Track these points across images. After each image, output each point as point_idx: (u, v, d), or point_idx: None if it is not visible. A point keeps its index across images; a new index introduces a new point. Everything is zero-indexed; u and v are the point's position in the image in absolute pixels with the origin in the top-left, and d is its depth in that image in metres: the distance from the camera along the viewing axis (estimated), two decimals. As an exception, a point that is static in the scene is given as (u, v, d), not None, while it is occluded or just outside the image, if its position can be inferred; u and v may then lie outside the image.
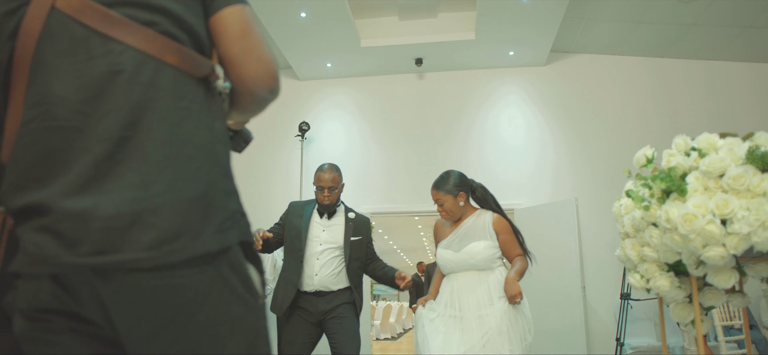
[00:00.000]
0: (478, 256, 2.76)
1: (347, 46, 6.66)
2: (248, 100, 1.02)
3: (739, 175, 1.68)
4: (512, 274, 2.67)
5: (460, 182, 2.95)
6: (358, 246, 3.21)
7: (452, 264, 2.83)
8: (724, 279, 1.76)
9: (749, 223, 1.60)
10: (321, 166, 3.25)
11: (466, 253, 2.79)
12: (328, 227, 3.21)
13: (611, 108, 6.96)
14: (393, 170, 7.14)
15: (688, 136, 1.94)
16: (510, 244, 2.83)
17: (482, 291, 2.69)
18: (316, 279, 3.07)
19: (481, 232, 2.82)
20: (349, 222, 3.23)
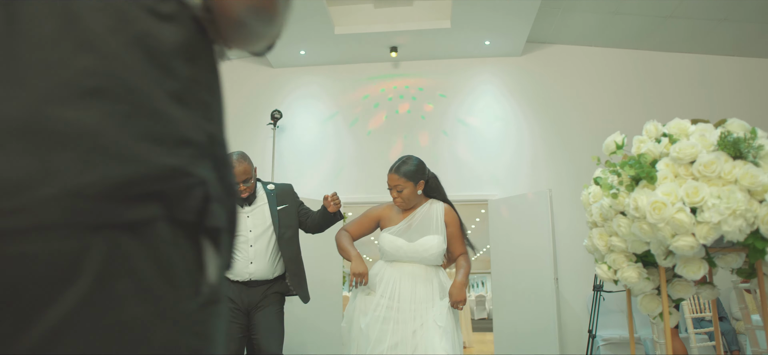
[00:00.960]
0: (431, 250, 2.70)
1: (321, 34, 6.52)
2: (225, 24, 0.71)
3: (710, 161, 1.61)
4: (460, 278, 2.64)
5: (420, 169, 2.86)
6: (287, 214, 3.12)
7: (402, 253, 2.74)
8: (694, 270, 1.69)
9: (720, 211, 1.53)
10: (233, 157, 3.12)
11: (419, 245, 2.72)
12: (251, 212, 3.10)
13: (587, 99, 6.93)
14: (367, 160, 7.03)
15: (659, 122, 1.87)
16: (456, 239, 2.80)
17: (426, 289, 2.66)
18: (252, 267, 2.97)
19: (434, 225, 2.77)
20: (271, 194, 3.14)
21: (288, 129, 7.13)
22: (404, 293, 2.62)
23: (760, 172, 1.56)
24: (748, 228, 1.54)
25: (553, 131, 6.88)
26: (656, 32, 6.61)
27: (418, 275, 2.69)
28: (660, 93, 6.86)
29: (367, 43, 6.77)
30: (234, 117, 7.22)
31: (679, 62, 6.94)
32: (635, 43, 6.91)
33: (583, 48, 7.08)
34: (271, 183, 3.24)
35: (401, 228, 2.79)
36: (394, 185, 2.80)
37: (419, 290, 2.64)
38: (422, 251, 2.70)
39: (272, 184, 3.24)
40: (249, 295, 2.98)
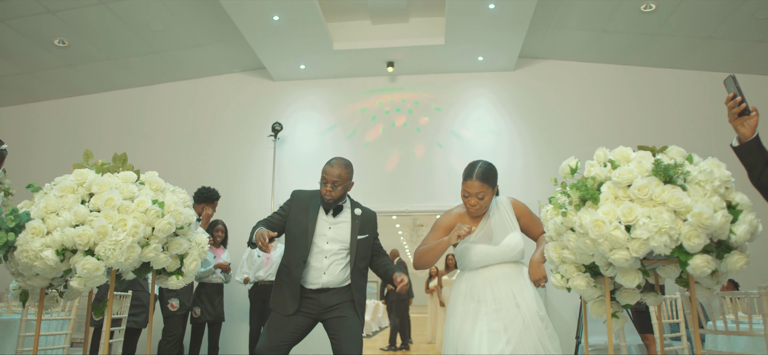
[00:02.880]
0: (517, 248, 2.66)
1: (320, 49, 6.79)
2: None
3: (643, 185, 1.85)
4: (538, 256, 2.61)
5: (495, 172, 2.80)
6: (365, 245, 3.12)
7: (491, 258, 2.67)
8: (630, 279, 1.94)
9: (648, 229, 1.77)
10: (330, 160, 3.10)
11: (506, 245, 2.66)
12: (334, 224, 3.09)
13: (578, 112, 7.18)
14: (364, 171, 7.28)
15: (607, 149, 2.11)
16: (532, 224, 2.77)
17: (519, 283, 2.60)
18: (325, 277, 3.01)
19: (510, 223, 2.72)
20: (356, 220, 3.11)
21: (288, 140, 7.39)
22: (499, 292, 2.56)
23: (684, 196, 1.80)
24: (673, 243, 1.78)
25: (544, 143, 7.13)
26: (643, 49, 6.86)
27: (509, 274, 2.63)
28: (646, 106, 7.11)
29: (365, 58, 7.04)
30: (236, 129, 7.49)
31: (664, 77, 7.19)
32: (624, 59, 7.16)
33: (573, 63, 7.33)
34: (359, 206, 3.18)
35: (480, 235, 2.71)
36: (476, 192, 2.67)
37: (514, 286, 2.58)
38: (509, 251, 2.65)
39: (359, 208, 3.17)
40: (321, 298, 3.00)
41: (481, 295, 2.60)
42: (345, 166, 3.06)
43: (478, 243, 2.69)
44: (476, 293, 2.62)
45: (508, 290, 2.56)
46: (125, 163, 2.39)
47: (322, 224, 3.07)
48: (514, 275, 2.63)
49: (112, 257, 2.04)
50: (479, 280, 2.65)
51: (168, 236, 2.30)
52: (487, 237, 2.70)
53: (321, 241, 3.04)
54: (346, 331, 2.95)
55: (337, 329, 2.97)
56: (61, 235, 2.05)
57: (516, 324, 2.45)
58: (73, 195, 2.17)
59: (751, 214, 1.85)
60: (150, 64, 7.23)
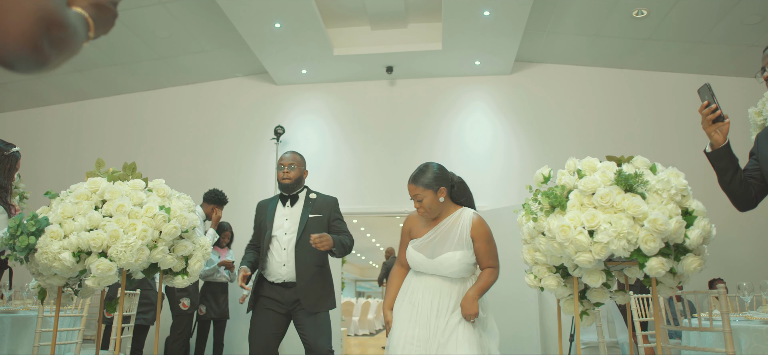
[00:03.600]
0: (451, 268, 2.58)
1: (321, 54, 6.98)
2: None
3: (606, 194, 2.03)
4: (473, 292, 2.53)
5: (440, 174, 2.69)
6: (317, 223, 3.18)
7: (423, 268, 2.66)
8: (594, 279, 2.12)
9: (609, 234, 1.96)
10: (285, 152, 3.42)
11: (439, 262, 2.59)
12: (290, 214, 3.23)
13: (574, 115, 7.35)
14: (363, 172, 7.48)
15: (577, 159, 2.30)
16: (484, 254, 2.63)
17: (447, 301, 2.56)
18: (284, 269, 3.12)
19: (458, 239, 2.61)
20: (309, 202, 3.26)
21: (290, 143, 7.59)
22: (424, 304, 2.55)
23: (642, 203, 1.98)
24: (631, 247, 1.96)
25: (541, 146, 7.30)
26: (637, 53, 7.02)
27: (437, 289, 2.58)
28: (642, 109, 7.27)
29: (364, 63, 7.22)
30: (239, 132, 7.70)
31: (660, 80, 7.34)
32: (619, 62, 7.32)
33: (569, 67, 7.50)
34: (316, 193, 3.35)
35: (423, 242, 2.67)
36: (413, 195, 2.66)
37: (437, 302, 2.54)
38: (442, 269, 2.59)
39: (316, 193, 3.34)
40: (287, 293, 3.11)
41: (413, 297, 2.63)
42: (299, 153, 3.40)
43: (416, 251, 2.68)
44: (410, 294, 2.66)
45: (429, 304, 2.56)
46: (134, 172, 2.59)
47: (279, 217, 3.23)
48: (444, 291, 2.60)
49: (123, 258, 2.24)
50: (418, 283, 2.67)
51: (174, 239, 2.49)
52: (429, 247, 2.65)
53: (279, 233, 3.19)
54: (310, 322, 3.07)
55: (303, 321, 3.10)
56: (77, 238, 2.25)
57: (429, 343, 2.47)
58: (87, 202, 2.37)
59: (704, 220, 2.03)
60: (155, 69, 7.44)
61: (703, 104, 2.18)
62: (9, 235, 2.33)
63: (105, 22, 0.89)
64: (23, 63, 0.70)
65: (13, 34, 0.65)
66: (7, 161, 3.10)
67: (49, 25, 0.67)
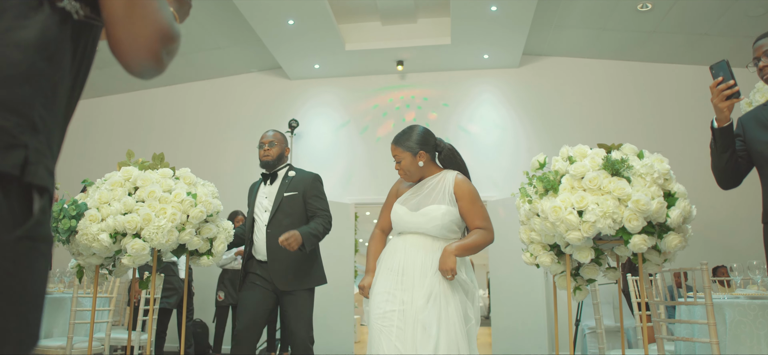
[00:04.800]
0: (434, 222, 2.46)
1: (333, 50, 7.19)
2: (125, 67, 0.84)
3: (594, 177, 2.23)
4: (453, 245, 2.39)
5: (423, 139, 2.65)
6: (292, 202, 3.10)
7: (405, 223, 2.55)
8: (584, 256, 2.32)
9: (596, 213, 2.15)
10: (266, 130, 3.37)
11: (422, 215, 2.50)
12: (269, 193, 3.18)
13: (581, 107, 7.50)
14: (376, 164, 7.68)
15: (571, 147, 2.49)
16: (470, 214, 2.49)
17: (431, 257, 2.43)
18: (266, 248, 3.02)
19: (441, 195, 2.51)
20: (286, 180, 3.19)
21: (304, 136, 7.82)
22: (406, 265, 2.42)
23: (627, 186, 2.17)
24: (616, 225, 2.16)
25: (548, 137, 7.46)
26: (643, 45, 7.15)
27: (420, 245, 2.46)
28: (647, 101, 7.40)
29: (376, 58, 7.43)
30: (254, 125, 7.94)
31: (665, 73, 7.47)
32: (625, 55, 7.45)
33: (576, 60, 7.64)
34: (296, 170, 3.28)
35: (407, 197, 2.61)
36: (393, 155, 2.67)
37: (421, 259, 2.42)
38: (425, 222, 2.48)
39: (296, 170, 3.27)
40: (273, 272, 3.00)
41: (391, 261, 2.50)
42: (279, 131, 3.39)
43: (400, 205, 2.61)
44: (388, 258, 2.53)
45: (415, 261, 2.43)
46: (162, 162, 2.82)
47: (260, 196, 3.21)
48: (429, 248, 2.46)
49: (155, 239, 2.47)
50: (399, 243, 2.55)
51: (200, 222, 2.73)
52: (413, 200, 2.59)
53: (260, 211, 3.15)
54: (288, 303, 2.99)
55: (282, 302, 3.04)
56: (114, 221, 2.49)
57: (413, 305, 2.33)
58: (121, 188, 2.61)
59: (685, 201, 2.21)
60: (172, 65, 7.66)
61: (717, 80, 2.15)
62: (52, 219, 2.58)
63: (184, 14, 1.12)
64: (148, 73, 0.86)
65: (143, 53, 0.81)
66: None
67: (167, 41, 0.83)
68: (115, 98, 8.45)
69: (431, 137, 2.72)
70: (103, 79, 7.92)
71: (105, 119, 8.41)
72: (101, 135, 8.30)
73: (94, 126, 8.39)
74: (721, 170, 2.16)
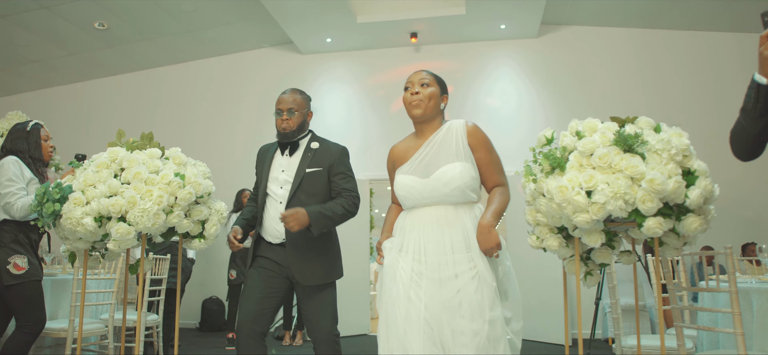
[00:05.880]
0: (453, 183, 2.06)
1: (344, 23, 7.00)
2: None
3: (604, 154, 2.03)
4: (488, 216, 2.00)
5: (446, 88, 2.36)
6: (315, 179, 2.63)
7: (417, 194, 2.12)
8: (593, 239, 2.13)
9: (606, 194, 1.96)
10: (284, 91, 2.80)
11: (436, 180, 2.08)
12: (288, 165, 2.69)
13: (601, 78, 7.19)
14: (391, 139, 7.48)
15: (579, 120, 2.29)
16: (489, 167, 2.15)
17: (455, 234, 2.02)
18: (282, 228, 2.56)
19: (453, 149, 2.12)
20: (309, 153, 2.69)
21: (317, 112, 7.61)
22: (429, 246, 2.02)
23: (640, 163, 1.97)
24: (629, 207, 1.96)
25: (568, 110, 7.18)
26: (669, 11, 6.79)
27: (442, 220, 2.06)
28: (669, 70, 7.06)
29: (388, 30, 7.21)
30: (266, 102, 7.82)
31: (688, 40, 7.10)
32: (649, 22, 7.10)
33: (597, 28, 7.32)
34: (319, 140, 2.78)
35: (413, 163, 2.18)
36: (419, 79, 2.24)
37: (447, 239, 2.02)
38: (442, 187, 2.06)
39: (320, 140, 2.77)
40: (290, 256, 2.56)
41: (405, 242, 2.10)
42: (300, 92, 2.77)
43: (406, 174, 2.18)
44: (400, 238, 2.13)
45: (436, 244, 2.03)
46: (151, 141, 2.70)
47: (275, 168, 2.71)
48: (452, 220, 2.06)
49: (140, 222, 2.36)
50: (406, 222, 2.14)
51: (189, 204, 2.61)
52: (421, 166, 2.16)
53: (274, 186, 2.67)
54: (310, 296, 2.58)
55: (302, 294, 2.60)
56: (98, 204, 2.38)
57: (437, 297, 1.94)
58: (107, 170, 2.50)
59: (706, 179, 2.01)
60: (183, 42, 7.59)
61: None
62: (37, 202, 2.48)
63: None
64: None
65: None
66: (31, 136, 3.27)
67: None
68: (124, 77, 8.40)
69: None
70: (113, 59, 7.86)
71: (115, 99, 8.38)
72: (111, 114, 8.28)
73: (104, 106, 8.37)
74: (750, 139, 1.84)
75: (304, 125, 2.78)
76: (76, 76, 8.34)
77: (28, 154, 3.21)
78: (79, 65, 7.97)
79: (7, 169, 3.04)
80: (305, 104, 2.79)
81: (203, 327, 7.24)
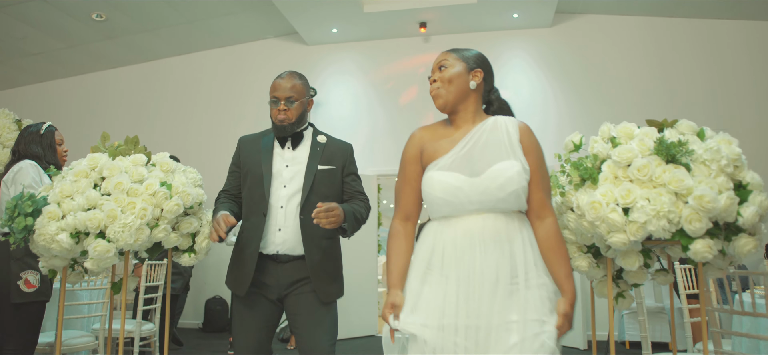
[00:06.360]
0: (509, 186, 1.58)
1: (351, 13, 6.73)
2: None
3: (643, 165, 1.77)
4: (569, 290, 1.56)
5: (483, 61, 1.86)
6: (328, 178, 2.30)
7: (464, 198, 1.62)
8: (630, 262, 1.87)
9: (646, 212, 1.70)
10: (280, 74, 2.38)
11: (490, 179, 1.60)
12: (292, 160, 2.32)
13: (619, 70, 6.88)
14: (400, 133, 7.27)
15: (612, 124, 2.03)
16: (536, 178, 1.65)
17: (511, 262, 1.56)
18: (281, 236, 2.21)
19: (507, 144, 1.66)
20: (317, 147, 2.34)
21: (323, 105, 7.43)
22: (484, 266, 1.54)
23: (686, 176, 1.71)
24: (673, 227, 1.70)
25: (583, 104, 6.89)
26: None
27: (495, 236, 1.57)
28: (694, 62, 6.74)
29: (396, 20, 6.93)
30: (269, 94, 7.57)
31: (706, 29, 6.76)
32: (669, 11, 6.77)
33: (614, 17, 7.00)
34: (324, 134, 2.42)
35: (456, 157, 1.68)
36: (437, 62, 1.84)
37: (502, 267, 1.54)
38: (495, 188, 1.59)
39: (325, 136, 2.42)
40: (281, 272, 2.22)
41: (446, 265, 1.59)
42: (299, 76, 2.38)
43: (447, 171, 1.67)
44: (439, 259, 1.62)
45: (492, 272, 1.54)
46: (137, 146, 2.46)
47: (277, 163, 2.31)
48: (503, 239, 1.58)
49: (121, 239, 2.13)
50: (447, 237, 1.62)
51: (178, 216, 2.37)
52: (467, 160, 1.67)
53: (276, 185, 2.27)
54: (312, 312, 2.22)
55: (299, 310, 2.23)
56: (74, 219, 2.15)
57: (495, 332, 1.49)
58: (86, 180, 2.27)
59: (761, 194, 1.75)
60: (184, 33, 7.35)
61: None
62: (7, 216, 2.26)
63: None
64: None
65: None
66: (45, 139, 3.10)
67: None
68: (127, 69, 8.18)
69: (491, 70, 1.90)
70: (115, 50, 7.64)
71: (118, 91, 8.16)
72: (114, 107, 8.08)
73: (106, 98, 8.16)
74: None
75: (304, 116, 2.39)
76: (77, 69, 8.14)
77: (44, 160, 3.04)
78: (80, 58, 7.76)
79: (26, 173, 2.86)
80: (305, 91, 2.38)
81: (206, 328, 7.05)
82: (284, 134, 2.33)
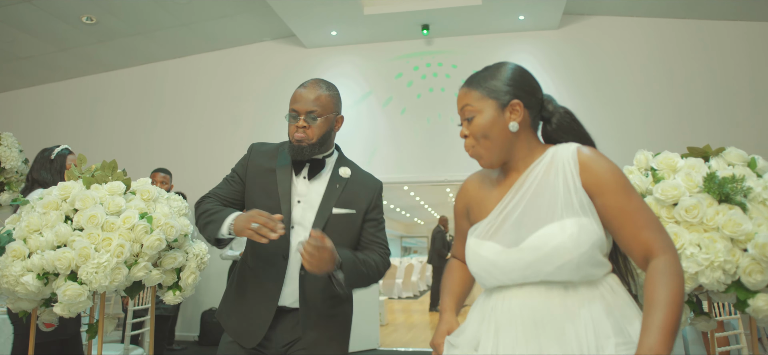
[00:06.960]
0: (559, 257, 1.23)
1: (350, 15, 6.48)
2: None
3: (692, 206, 1.52)
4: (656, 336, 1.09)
5: (521, 80, 1.43)
6: (343, 224, 1.86)
7: (500, 273, 1.32)
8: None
9: (698, 262, 1.46)
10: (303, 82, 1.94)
11: (530, 251, 1.26)
12: (304, 196, 1.90)
13: (628, 74, 6.64)
14: (401, 139, 7.04)
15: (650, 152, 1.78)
16: (625, 217, 1.24)
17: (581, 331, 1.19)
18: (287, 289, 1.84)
19: (561, 195, 1.28)
20: (337, 184, 1.90)
21: (321, 110, 7.18)
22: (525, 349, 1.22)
23: (744, 219, 1.47)
24: (729, 279, 1.47)
25: (591, 109, 6.65)
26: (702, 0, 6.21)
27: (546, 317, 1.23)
28: (706, 66, 6.49)
29: (398, 22, 6.69)
30: (268, 98, 7.33)
31: (727, 31, 6.52)
32: (680, 12, 6.53)
33: (623, 19, 6.76)
34: (350, 166, 1.98)
35: (493, 221, 1.36)
36: (462, 107, 1.43)
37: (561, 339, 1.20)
38: (541, 262, 1.25)
39: (349, 168, 1.96)
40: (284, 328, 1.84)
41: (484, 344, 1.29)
42: (327, 86, 1.92)
43: (482, 240, 1.36)
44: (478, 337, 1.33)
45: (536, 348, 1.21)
46: (115, 171, 2.22)
47: (295, 192, 1.89)
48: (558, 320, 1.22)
49: (95, 281, 1.89)
50: (488, 309, 1.34)
51: (160, 251, 2.13)
52: (505, 227, 1.33)
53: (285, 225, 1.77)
54: None
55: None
56: (41, 258, 1.91)
57: None
58: (55, 212, 2.02)
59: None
60: (178, 36, 7.10)
61: None
62: (-31, 254, 2.01)
63: None
64: None
65: None
66: (55, 164, 2.91)
67: None
68: (122, 73, 7.93)
69: (534, 83, 1.46)
70: (110, 54, 7.39)
71: (113, 95, 7.92)
72: (109, 112, 7.83)
73: (102, 102, 7.91)
74: None
75: (329, 138, 1.92)
76: (72, 73, 7.89)
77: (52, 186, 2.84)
78: (74, 61, 7.51)
79: None
80: (333, 105, 1.90)
81: (202, 341, 6.81)
82: (301, 157, 1.88)
